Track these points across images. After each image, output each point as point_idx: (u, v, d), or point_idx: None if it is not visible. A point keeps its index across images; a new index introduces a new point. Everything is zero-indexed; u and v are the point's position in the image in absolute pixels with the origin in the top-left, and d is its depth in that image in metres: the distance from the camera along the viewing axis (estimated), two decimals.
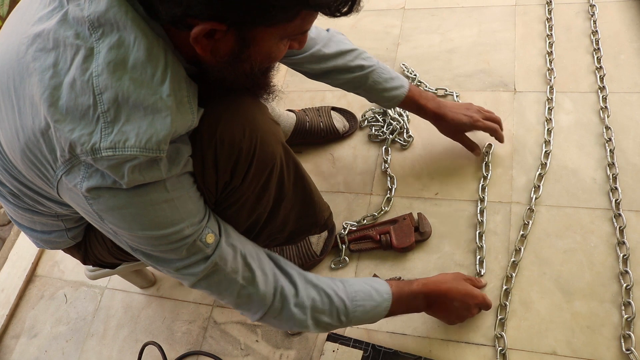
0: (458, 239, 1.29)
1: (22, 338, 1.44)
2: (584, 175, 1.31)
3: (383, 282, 1.03)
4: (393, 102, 1.28)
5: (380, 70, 1.25)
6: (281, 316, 0.91)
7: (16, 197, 0.87)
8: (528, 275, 1.20)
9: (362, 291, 0.98)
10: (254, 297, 0.88)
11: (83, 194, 0.71)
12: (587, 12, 1.60)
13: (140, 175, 0.70)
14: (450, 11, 1.75)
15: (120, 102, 0.67)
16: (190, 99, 0.73)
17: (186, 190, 0.78)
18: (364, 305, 0.97)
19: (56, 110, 0.67)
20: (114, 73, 0.66)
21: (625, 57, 1.48)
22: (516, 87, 1.51)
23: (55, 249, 1.05)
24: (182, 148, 0.76)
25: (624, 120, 1.36)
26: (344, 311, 0.95)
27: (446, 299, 1.07)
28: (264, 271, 0.89)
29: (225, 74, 0.77)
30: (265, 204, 0.94)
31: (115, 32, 0.67)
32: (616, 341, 1.08)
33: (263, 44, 0.73)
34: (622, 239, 1.18)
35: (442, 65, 1.62)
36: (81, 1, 0.68)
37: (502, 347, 1.11)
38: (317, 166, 1.51)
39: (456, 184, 1.37)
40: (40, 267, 1.57)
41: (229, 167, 0.83)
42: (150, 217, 0.75)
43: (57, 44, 0.68)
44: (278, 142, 0.89)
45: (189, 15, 0.66)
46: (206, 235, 0.81)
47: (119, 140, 0.66)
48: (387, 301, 1.00)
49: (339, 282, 0.98)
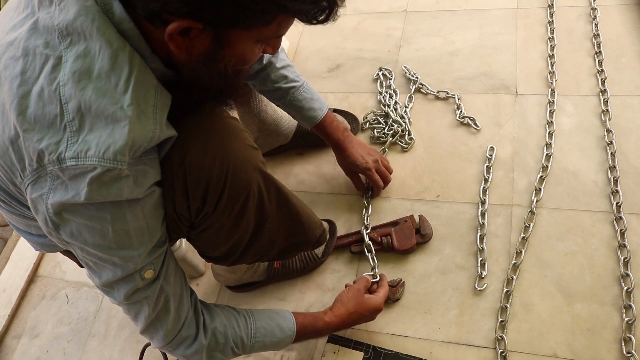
0: (459, 241, 1.29)
1: (24, 338, 1.44)
2: (585, 178, 1.31)
3: (289, 317, 1.06)
4: (309, 122, 1.31)
5: (303, 89, 1.27)
6: (177, 351, 0.93)
7: (6, 204, 0.87)
8: (529, 278, 1.20)
9: (264, 327, 1.01)
10: (159, 331, 0.89)
11: (46, 206, 0.71)
12: (589, 15, 1.61)
13: (100, 189, 0.69)
14: (451, 14, 1.76)
15: (83, 111, 0.66)
16: (157, 109, 0.71)
17: (146, 222, 0.78)
18: (263, 341, 1.01)
19: (24, 119, 0.67)
20: (79, 82, 0.66)
21: (627, 60, 1.48)
22: (517, 89, 1.51)
23: (53, 252, 1.04)
24: (150, 172, 0.75)
25: (625, 123, 1.37)
26: (241, 347, 0.98)
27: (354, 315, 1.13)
28: (178, 314, 0.90)
29: (199, 74, 0.77)
30: (244, 227, 0.93)
31: (82, 41, 0.67)
32: (617, 344, 1.08)
33: (238, 46, 0.73)
34: (623, 242, 1.18)
35: (443, 68, 1.63)
36: (52, 9, 0.68)
37: (503, 349, 1.12)
38: (318, 168, 1.52)
39: (457, 186, 1.38)
40: (42, 268, 1.57)
41: (200, 194, 0.82)
42: (104, 237, 0.74)
43: (26, 52, 0.68)
44: (254, 169, 0.87)
45: (165, 11, 0.65)
46: (146, 271, 0.81)
47: (82, 149, 0.66)
48: (290, 337, 1.05)
49: (242, 318, 1.00)
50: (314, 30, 1.85)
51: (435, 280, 1.25)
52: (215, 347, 0.95)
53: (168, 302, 0.88)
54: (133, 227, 0.75)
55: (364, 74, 1.69)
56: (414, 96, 1.58)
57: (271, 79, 1.23)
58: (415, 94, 1.59)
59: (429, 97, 1.58)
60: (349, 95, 1.37)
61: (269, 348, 1.04)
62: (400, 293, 1.23)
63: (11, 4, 0.77)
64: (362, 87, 1.66)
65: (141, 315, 0.86)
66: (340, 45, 1.78)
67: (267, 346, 1.03)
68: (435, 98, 1.57)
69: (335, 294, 1.28)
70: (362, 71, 1.70)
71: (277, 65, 1.23)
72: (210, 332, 0.94)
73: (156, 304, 0.86)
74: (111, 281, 0.81)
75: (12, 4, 0.77)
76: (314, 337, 1.14)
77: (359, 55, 1.74)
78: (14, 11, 0.74)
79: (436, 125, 1.51)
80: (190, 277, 1.39)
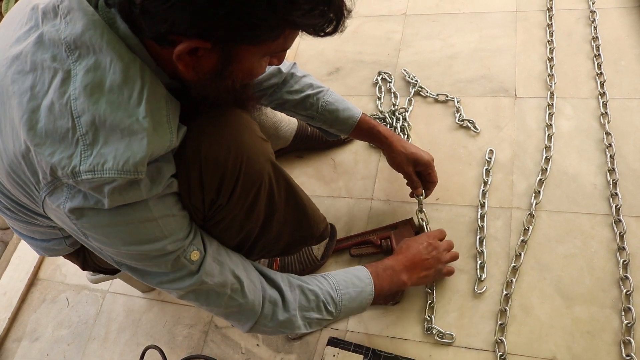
0: (458, 244, 1.29)
1: (24, 341, 1.45)
2: (585, 180, 1.31)
3: (361, 267, 1.08)
4: (348, 123, 1.24)
5: (332, 92, 1.24)
6: (272, 323, 0.93)
7: (11, 211, 0.87)
8: (528, 281, 1.20)
9: (345, 280, 1.02)
10: (243, 307, 0.89)
11: (66, 214, 0.72)
12: (588, 18, 1.61)
13: (121, 196, 0.69)
14: (451, 17, 1.76)
15: (97, 125, 0.66)
16: (170, 119, 0.72)
17: (169, 210, 0.78)
18: (349, 292, 1.01)
19: (35, 134, 0.67)
20: (91, 96, 0.66)
21: (626, 63, 1.49)
22: (517, 92, 1.52)
23: (55, 256, 1.05)
24: (164, 167, 0.75)
25: (624, 126, 1.37)
26: (331, 302, 0.99)
27: (417, 259, 1.14)
28: (252, 280, 0.91)
29: (208, 91, 0.77)
30: (255, 220, 0.94)
31: (91, 54, 0.67)
32: (616, 347, 1.08)
33: (245, 61, 0.73)
34: (622, 245, 1.18)
35: (443, 71, 1.63)
36: (56, 22, 0.69)
37: (502, 352, 1.12)
38: (318, 171, 1.52)
39: (457, 189, 1.38)
40: (42, 271, 1.57)
41: (215, 186, 0.83)
42: (133, 235, 0.75)
43: (34, 67, 0.68)
44: (266, 160, 0.88)
45: (173, 33, 0.66)
46: (191, 253, 0.82)
47: (98, 163, 0.66)
48: (370, 285, 1.05)
49: (321, 277, 1.01)
50: None
51: (434, 283, 1.25)
52: (307, 305, 0.96)
53: (234, 271, 0.88)
54: (159, 217, 0.76)
55: (363, 77, 1.70)
56: (414, 99, 1.58)
57: (296, 90, 1.20)
58: (415, 97, 1.59)
59: (428, 100, 1.58)
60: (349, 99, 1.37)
61: (356, 303, 1.03)
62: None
63: (13, 15, 0.77)
64: (362, 90, 1.67)
65: (212, 298, 0.87)
66: (340, 49, 1.79)
67: (354, 300, 1.02)
68: (434, 101, 1.57)
69: None
70: (362, 74, 1.70)
71: (298, 74, 1.21)
72: (298, 290, 0.95)
73: (222, 278, 0.86)
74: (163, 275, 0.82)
75: (13, 16, 0.76)
76: (391, 283, 1.10)
77: (359, 58, 1.75)
78: (17, 23, 0.73)
79: (436, 128, 1.51)
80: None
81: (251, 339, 1.28)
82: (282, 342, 1.26)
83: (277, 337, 1.26)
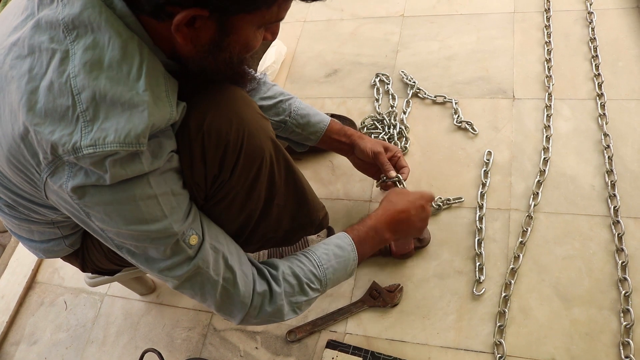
0: (457, 246, 1.29)
1: (22, 345, 1.44)
2: (583, 182, 1.31)
3: (342, 234, 1.07)
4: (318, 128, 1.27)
5: (299, 100, 1.27)
6: (261, 314, 0.94)
7: (11, 207, 0.87)
8: (527, 282, 1.20)
9: (326, 253, 1.02)
10: (234, 298, 0.90)
11: (68, 193, 0.72)
12: (586, 19, 1.61)
13: (122, 169, 0.70)
14: (449, 18, 1.76)
15: (98, 100, 0.67)
16: (169, 94, 0.74)
17: (170, 188, 0.79)
18: (332, 265, 1.01)
19: (34, 114, 0.68)
20: (91, 73, 0.67)
21: (624, 64, 1.49)
22: (515, 94, 1.52)
23: (55, 258, 1.05)
24: (165, 142, 0.76)
25: (622, 127, 1.37)
26: (315, 280, 0.99)
27: (403, 214, 1.11)
28: (244, 272, 0.91)
29: (206, 64, 0.78)
30: (256, 199, 0.94)
31: (89, 33, 0.68)
32: (615, 348, 1.08)
33: (242, 32, 0.75)
34: (621, 246, 1.18)
35: (441, 72, 1.63)
36: (54, 5, 0.70)
37: (501, 354, 1.11)
38: (316, 173, 1.52)
39: (455, 190, 1.38)
40: (41, 274, 1.57)
41: (217, 159, 0.84)
42: (134, 213, 0.76)
43: (32, 50, 0.69)
44: (267, 137, 0.90)
45: (170, 3, 0.67)
46: (189, 237, 0.82)
47: (99, 137, 0.67)
48: (353, 251, 1.05)
49: (302, 256, 1.01)
50: (311, 36, 1.86)
51: (433, 285, 1.25)
52: (292, 291, 0.96)
53: (227, 260, 0.88)
54: (159, 194, 0.76)
55: (361, 78, 1.70)
56: (412, 101, 1.58)
57: (269, 95, 1.23)
58: (413, 98, 1.59)
59: (426, 101, 1.58)
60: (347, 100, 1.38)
61: (340, 272, 1.03)
62: (398, 298, 1.23)
63: (10, 8, 0.78)
64: (360, 92, 1.67)
65: (207, 287, 0.87)
66: (338, 50, 1.79)
67: (338, 271, 1.02)
68: (432, 103, 1.57)
69: (333, 297, 1.28)
70: (360, 76, 1.70)
71: (269, 83, 1.25)
72: (281, 279, 0.95)
73: (216, 266, 0.87)
74: (162, 261, 0.82)
75: (10, 9, 0.78)
76: (373, 244, 1.09)
77: (357, 60, 1.75)
78: (13, 15, 0.75)
79: (434, 129, 1.51)
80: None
81: (250, 342, 1.28)
82: (281, 345, 1.25)
83: (276, 340, 1.26)
